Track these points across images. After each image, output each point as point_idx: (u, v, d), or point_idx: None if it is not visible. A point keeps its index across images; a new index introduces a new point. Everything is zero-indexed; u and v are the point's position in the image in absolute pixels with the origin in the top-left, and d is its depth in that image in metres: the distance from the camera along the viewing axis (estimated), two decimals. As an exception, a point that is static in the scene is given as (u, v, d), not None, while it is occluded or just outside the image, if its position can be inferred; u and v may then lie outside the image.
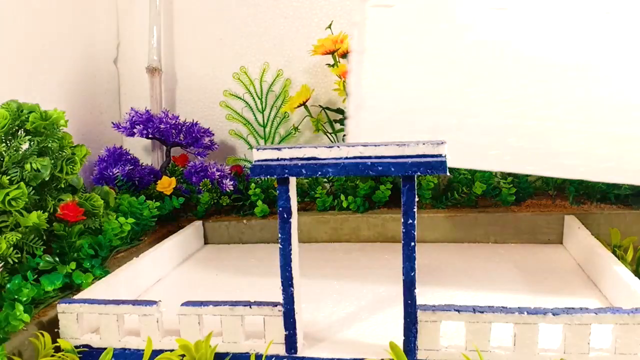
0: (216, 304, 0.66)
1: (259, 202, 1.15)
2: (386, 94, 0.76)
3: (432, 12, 0.74)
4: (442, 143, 0.59)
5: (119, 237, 0.97)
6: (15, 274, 0.79)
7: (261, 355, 0.65)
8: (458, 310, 0.61)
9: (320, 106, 1.25)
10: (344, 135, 0.82)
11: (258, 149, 0.62)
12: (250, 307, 0.66)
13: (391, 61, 0.76)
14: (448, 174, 0.59)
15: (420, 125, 0.75)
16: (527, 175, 1.11)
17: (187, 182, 1.20)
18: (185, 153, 1.31)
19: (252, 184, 1.19)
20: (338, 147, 0.61)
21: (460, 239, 1.07)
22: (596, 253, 0.85)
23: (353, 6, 0.76)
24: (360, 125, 0.76)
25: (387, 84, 0.76)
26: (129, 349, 0.69)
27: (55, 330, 0.71)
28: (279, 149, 0.62)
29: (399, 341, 0.62)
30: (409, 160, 0.59)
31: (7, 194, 0.79)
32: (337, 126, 1.23)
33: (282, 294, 0.64)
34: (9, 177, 0.82)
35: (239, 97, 1.32)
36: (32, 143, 0.86)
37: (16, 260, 0.80)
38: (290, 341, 0.65)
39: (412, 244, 0.60)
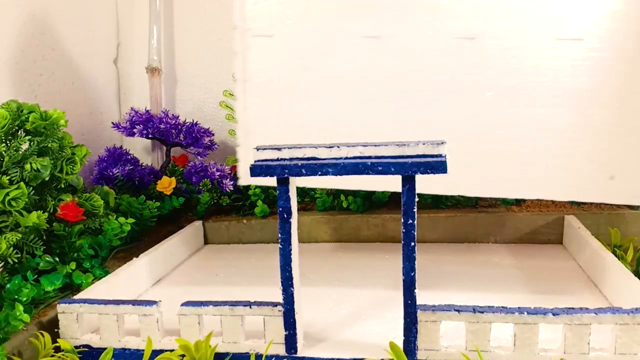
0: (216, 304, 0.66)
1: (259, 202, 1.15)
2: (271, 121, 0.80)
3: (310, 42, 0.77)
4: (442, 143, 0.59)
5: (119, 237, 0.97)
6: (15, 274, 0.79)
7: (261, 355, 0.65)
8: (458, 310, 0.61)
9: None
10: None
11: (258, 149, 0.62)
12: (250, 307, 0.66)
13: (274, 89, 0.79)
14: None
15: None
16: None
17: (187, 182, 1.20)
18: (185, 153, 1.31)
19: (252, 184, 1.19)
20: (338, 147, 0.61)
21: (460, 239, 1.08)
22: (596, 253, 0.85)
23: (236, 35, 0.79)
24: (250, 152, 0.79)
25: (272, 112, 0.80)
26: (129, 349, 0.69)
27: (55, 330, 0.71)
28: (279, 149, 0.62)
29: (399, 341, 0.62)
30: (409, 160, 0.59)
31: (7, 194, 0.79)
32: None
33: (282, 294, 0.64)
34: (9, 177, 0.82)
35: (239, 97, 1.32)
36: (32, 143, 0.86)
37: (16, 260, 0.80)
38: (290, 341, 0.65)
39: (412, 244, 0.60)
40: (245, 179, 0.83)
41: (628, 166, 0.74)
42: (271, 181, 0.63)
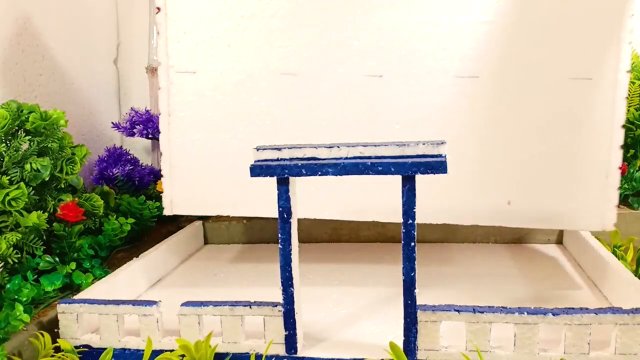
0: (216, 304, 0.66)
1: (259, 202, 1.15)
2: (194, 153, 0.85)
3: (231, 78, 0.83)
4: (442, 143, 0.59)
5: (118, 238, 0.97)
6: (15, 274, 0.79)
7: (261, 356, 0.65)
8: (458, 311, 0.61)
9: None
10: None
11: (258, 149, 0.62)
12: (250, 307, 0.66)
13: (196, 124, 0.84)
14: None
15: (227, 180, 0.85)
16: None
17: (187, 182, 1.20)
18: (185, 153, 1.31)
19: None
20: (338, 147, 0.61)
21: (460, 239, 1.07)
22: (596, 253, 0.85)
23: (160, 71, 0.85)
24: (175, 183, 0.85)
25: (194, 145, 0.85)
26: (129, 349, 0.68)
27: (55, 330, 0.71)
28: (279, 149, 0.62)
29: (399, 341, 0.62)
30: (409, 160, 0.59)
31: (7, 194, 0.79)
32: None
33: (282, 294, 0.64)
34: (8, 177, 0.82)
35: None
36: (32, 143, 0.86)
37: (16, 261, 0.80)
38: (290, 341, 0.65)
39: (412, 244, 0.60)
40: (169, 209, 0.87)
41: (523, 192, 0.81)
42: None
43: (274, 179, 0.62)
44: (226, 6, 0.82)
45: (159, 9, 0.83)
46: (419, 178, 0.59)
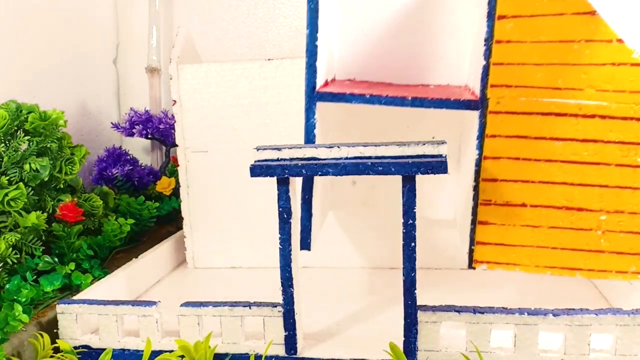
0: (216, 304, 0.66)
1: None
2: (209, 218, 1.00)
3: (235, 155, 0.96)
4: (442, 143, 0.59)
5: (118, 238, 0.96)
6: (14, 275, 0.79)
7: (261, 356, 0.65)
8: (458, 311, 0.61)
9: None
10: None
11: (258, 149, 0.62)
12: (250, 307, 0.66)
13: (210, 194, 0.99)
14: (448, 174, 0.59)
15: (238, 240, 1.00)
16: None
17: (187, 183, 1.20)
18: (185, 153, 1.31)
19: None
20: (338, 147, 0.60)
21: (460, 240, 1.07)
22: (596, 254, 0.85)
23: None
24: (195, 242, 1.02)
25: (209, 211, 1.00)
26: (128, 350, 0.68)
27: (55, 330, 0.70)
28: (279, 149, 0.62)
29: (399, 342, 0.62)
30: (409, 160, 0.59)
31: (6, 195, 0.78)
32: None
33: (282, 294, 0.64)
34: (8, 178, 0.82)
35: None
36: (31, 143, 0.86)
37: (15, 261, 0.80)
38: (290, 342, 0.65)
39: (412, 244, 0.60)
40: (191, 263, 1.03)
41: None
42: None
43: (274, 179, 0.62)
44: (230, 96, 0.95)
45: (174, 101, 0.97)
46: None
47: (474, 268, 0.67)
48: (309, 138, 0.69)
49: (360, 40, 0.83)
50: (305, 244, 0.74)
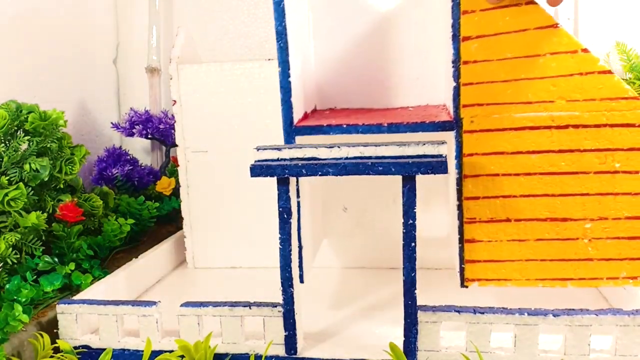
0: (216, 304, 0.66)
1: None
2: (209, 218, 1.00)
3: (234, 154, 0.96)
4: (442, 143, 0.59)
5: (118, 238, 0.96)
6: (14, 275, 0.79)
7: (261, 356, 0.65)
8: (458, 311, 0.61)
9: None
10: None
11: (258, 149, 0.62)
12: (250, 307, 0.66)
13: (209, 194, 0.99)
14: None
15: (237, 240, 1.00)
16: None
17: (187, 183, 1.20)
18: (185, 153, 1.31)
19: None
20: (338, 147, 0.60)
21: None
22: (596, 254, 0.85)
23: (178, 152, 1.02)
24: (195, 242, 1.02)
25: (209, 211, 1.00)
26: (128, 350, 0.68)
27: (55, 331, 0.70)
28: (279, 149, 0.62)
29: (399, 342, 0.62)
30: (410, 160, 0.59)
31: (6, 195, 0.78)
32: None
33: (282, 294, 0.64)
34: (8, 178, 0.82)
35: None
36: (31, 143, 0.86)
37: (15, 261, 0.80)
38: (290, 342, 0.65)
39: (412, 244, 0.60)
40: (191, 263, 1.02)
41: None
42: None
43: (274, 179, 0.62)
44: (230, 96, 0.95)
45: (174, 101, 0.97)
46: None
47: (467, 287, 0.68)
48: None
49: (338, 68, 0.86)
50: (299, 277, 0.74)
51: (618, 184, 0.62)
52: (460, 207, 0.65)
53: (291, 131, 0.69)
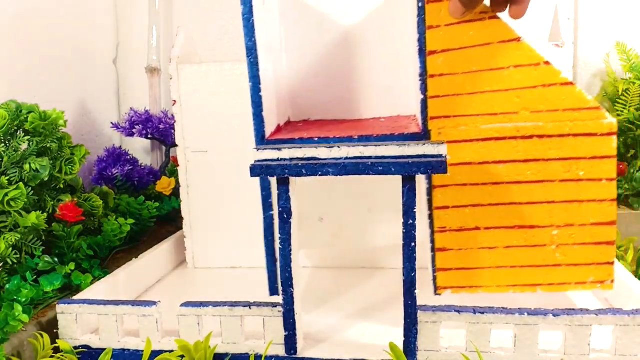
0: (216, 304, 0.66)
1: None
2: (209, 218, 1.00)
3: (234, 154, 0.96)
4: (442, 143, 0.59)
5: (118, 238, 0.96)
6: (14, 275, 0.79)
7: (261, 356, 0.65)
8: (458, 311, 0.61)
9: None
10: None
11: (258, 149, 0.62)
12: (250, 307, 0.66)
13: (209, 194, 0.98)
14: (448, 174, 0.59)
15: (236, 240, 1.00)
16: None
17: (187, 183, 1.20)
18: (185, 153, 1.31)
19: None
20: (339, 147, 0.60)
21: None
22: (596, 254, 0.85)
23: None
24: (195, 242, 1.01)
25: (209, 211, 0.99)
26: (128, 350, 0.68)
27: (55, 331, 0.70)
28: (279, 149, 0.62)
29: (399, 342, 0.62)
30: (410, 160, 0.59)
31: (6, 195, 0.78)
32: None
33: (282, 294, 0.64)
34: (8, 178, 0.82)
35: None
36: (31, 143, 0.86)
37: (15, 261, 0.80)
38: (290, 342, 0.65)
39: (412, 244, 0.60)
40: (191, 263, 1.02)
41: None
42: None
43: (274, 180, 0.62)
44: (230, 96, 0.94)
45: (174, 101, 0.96)
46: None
47: (439, 294, 0.69)
48: (265, 186, 0.71)
49: (311, 79, 0.87)
50: (273, 289, 0.76)
51: (583, 191, 0.64)
52: (431, 217, 0.67)
53: (263, 144, 0.70)
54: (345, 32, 0.85)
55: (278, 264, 0.71)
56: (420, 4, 0.64)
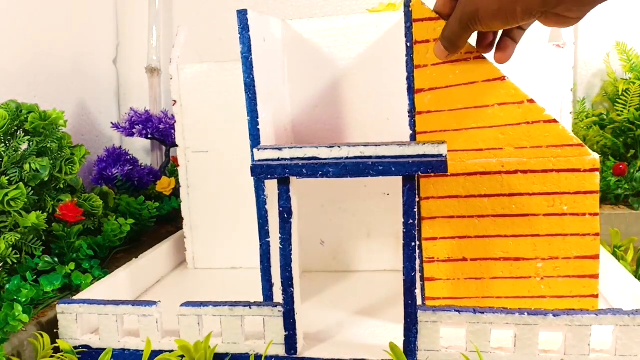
0: (216, 304, 0.66)
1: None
2: (209, 218, 1.00)
3: (234, 155, 0.96)
4: (442, 143, 0.59)
5: (118, 238, 0.96)
6: (14, 275, 0.79)
7: (261, 356, 0.65)
8: (459, 311, 0.61)
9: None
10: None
11: (258, 149, 0.62)
12: (250, 307, 0.66)
13: (210, 194, 0.98)
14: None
15: (237, 239, 0.99)
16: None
17: (187, 183, 1.20)
18: (185, 153, 1.31)
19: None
20: (339, 147, 0.60)
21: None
22: (596, 254, 0.85)
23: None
24: (195, 242, 1.01)
25: (209, 211, 0.99)
26: (129, 350, 0.68)
27: (55, 330, 0.70)
28: (279, 149, 0.62)
29: (399, 342, 0.62)
30: (410, 160, 0.59)
31: (6, 195, 0.78)
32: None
33: (282, 294, 0.64)
34: (8, 178, 0.82)
35: (238, 98, 1.32)
36: (31, 143, 0.86)
37: (15, 261, 0.80)
38: (290, 342, 0.65)
39: (413, 244, 0.60)
40: (192, 264, 1.02)
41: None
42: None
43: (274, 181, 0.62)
44: (230, 96, 0.94)
45: (174, 101, 0.97)
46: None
47: None
48: (261, 214, 0.71)
49: (312, 109, 0.90)
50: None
51: (567, 225, 0.65)
52: (420, 247, 0.68)
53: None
54: (346, 65, 0.88)
55: (274, 290, 0.72)
56: (408, 44, 0.66)
